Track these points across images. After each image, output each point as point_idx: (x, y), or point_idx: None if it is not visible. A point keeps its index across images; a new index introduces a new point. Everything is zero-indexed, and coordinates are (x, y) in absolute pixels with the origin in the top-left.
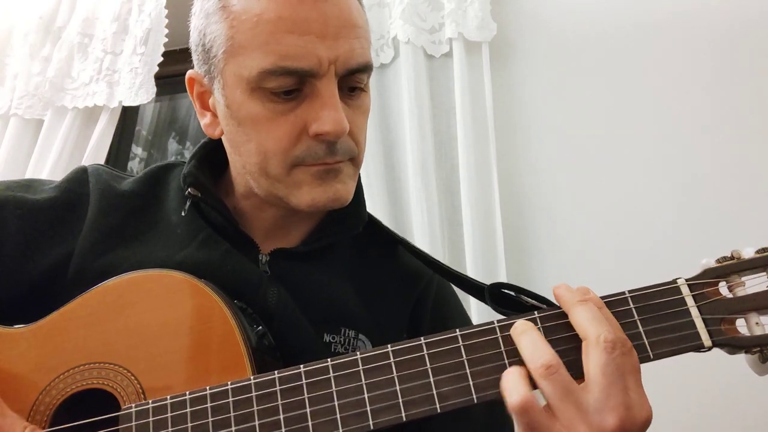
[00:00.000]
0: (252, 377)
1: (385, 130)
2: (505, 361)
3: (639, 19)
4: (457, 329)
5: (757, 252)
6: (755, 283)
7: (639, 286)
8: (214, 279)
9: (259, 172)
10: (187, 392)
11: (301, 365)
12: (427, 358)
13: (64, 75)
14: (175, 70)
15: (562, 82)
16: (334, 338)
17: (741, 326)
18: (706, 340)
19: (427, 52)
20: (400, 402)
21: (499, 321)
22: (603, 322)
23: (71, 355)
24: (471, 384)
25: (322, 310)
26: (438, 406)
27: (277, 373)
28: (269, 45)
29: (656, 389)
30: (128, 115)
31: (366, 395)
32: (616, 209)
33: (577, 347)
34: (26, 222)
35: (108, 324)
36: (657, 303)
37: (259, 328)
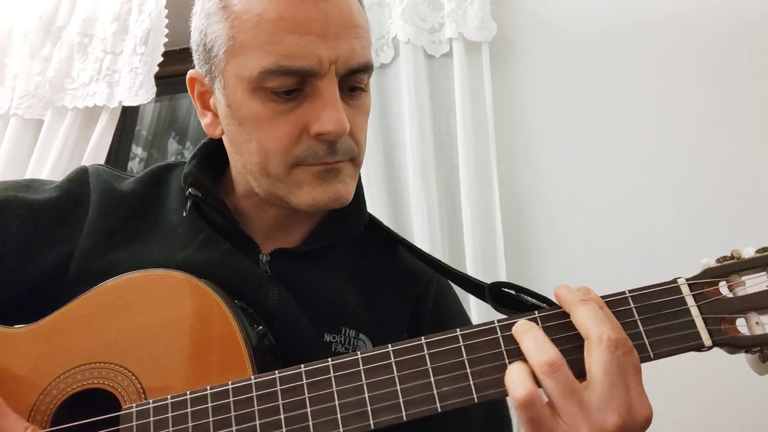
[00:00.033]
0: (253, 377)
1: (385, 130)
2: (506, 361)
3: (639, 19)
4: (458, 329)
5: (757, 251)
6: (755, 283)
7: (639, 286)
8: (214, 279)
9: (260, 172)
10: (188, 392)
11: (302, 365)
12: (428, 358)
13: (64, 75)
14: (175, 70)
15: (562, 82)
16: (334, 338)
17: (741, 326)
18: (707, 340)
19: (427, 52)
20: (401, 402)
21: (500, 321)
22: (605, 321)
23: (71, 355)
24: (471, 384)
25: (323, 310)
26: (438, 406)
27: (277, 373)
28: (270, 45)
29: (656, 389)
30: (128, 115)
31: (366, 395)
32: (616, 209)
33: (579, 347)
34: (27, 222)
35: (108, 324)
36: (657, 303)
37: (260, 327)
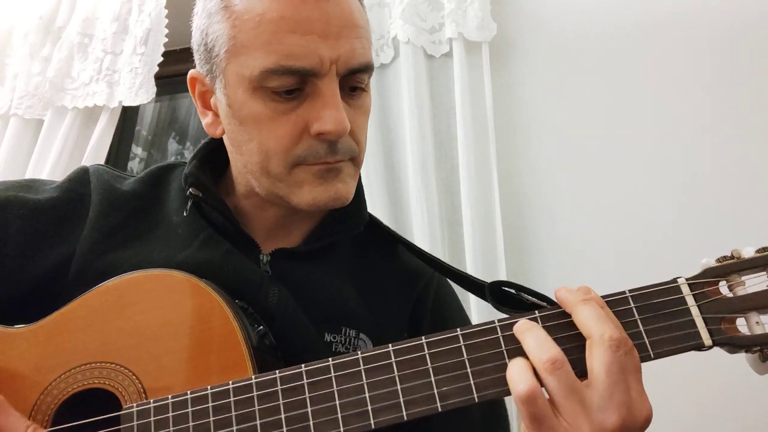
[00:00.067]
0: (253, 377)
1: (385, 130)
2: (506, 361)
3: (639, 19)
4: (458, 329)
5: (757, 251)
6: (755, 283)
7: (639, 286)
8: (215, 279)
9: (261, 172)
10: (189, 392)
11: (302, 365)
12: (428, 358)
13: (64, 75)
14: (175, 70)
15: (562, 82)
16: (335, 338)
17: (741, 325)
18: (707, 339)
19: (427, 52)
20: (401, 401)
21: (500, 320)
22: (607, 321)
23: (72, 355)
24: (472, 383)
25: (323, 310)
26: (439, 406)
27: (278, 373)
28: (271, 44)
29: (656, 389)
30: (128, 115)
31: (367, 394)
32: (616, 209)
33: (579, 346)
34: (28, 222)
35: (109, 324)
36: (657, 302)
37: (260, 327)
